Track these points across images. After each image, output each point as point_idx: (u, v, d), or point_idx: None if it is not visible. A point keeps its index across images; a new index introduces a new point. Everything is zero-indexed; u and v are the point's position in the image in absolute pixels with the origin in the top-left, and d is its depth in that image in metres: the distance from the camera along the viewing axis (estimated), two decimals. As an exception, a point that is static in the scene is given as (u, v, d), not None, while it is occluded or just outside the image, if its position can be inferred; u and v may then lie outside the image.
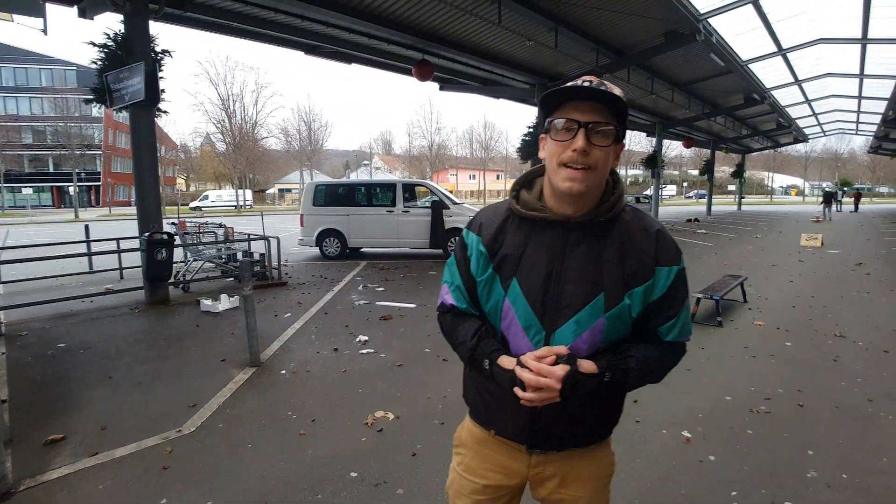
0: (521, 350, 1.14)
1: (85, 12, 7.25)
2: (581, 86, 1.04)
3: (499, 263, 1.17)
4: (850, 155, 65.04)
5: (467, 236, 1.24)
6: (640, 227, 1.15)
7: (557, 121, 1.07)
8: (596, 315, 1.10)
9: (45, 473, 2.76)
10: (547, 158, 1.11)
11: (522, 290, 1.13)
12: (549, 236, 1.13)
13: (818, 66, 14.29)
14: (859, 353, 4.70)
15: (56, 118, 41.00)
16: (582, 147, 1.03)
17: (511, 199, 1.21)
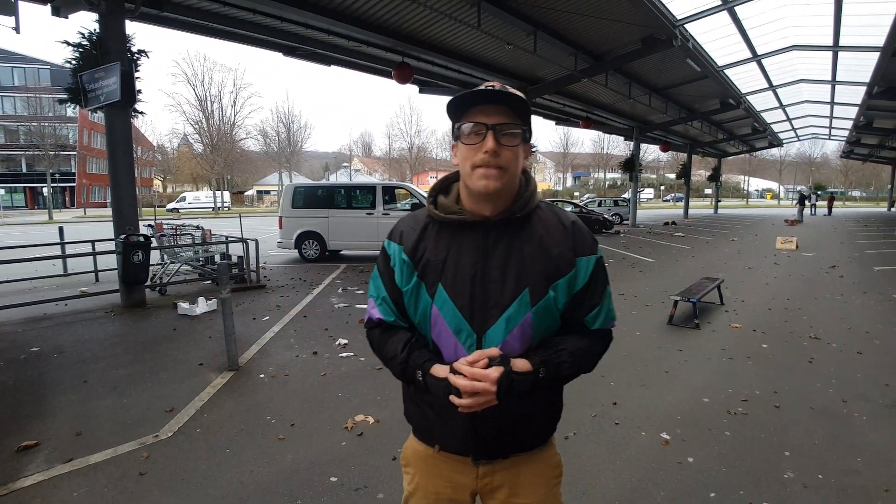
0: (455, 356, 1.13)
1: (59, 10, 7.07)
2: (485, 90, 1.07)
3: (423, 271, 1.16)
4: (823, 159, 66.87)
5: (389, 246, 1.24)
6: (557, 221, 1.18)
7: (465, 125, 1.09)
8: (523, 310, 1.11)
9: (17, 481, 2.69)
10: (460, 163, 1.13)
11: (449, 295, 1.13)
12: (470, 238, 1.14)
13: (792, 73, 14.71)
14: (834, 354, 4.81)
15: (29, 118, 39.98)
16: (492, 148, 1.06)
17: (429, 204, 1.22)
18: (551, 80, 13.56)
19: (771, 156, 60.75)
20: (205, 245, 8.76)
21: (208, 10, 8.51)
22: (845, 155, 38.50)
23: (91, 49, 6.51)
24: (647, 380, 4.17)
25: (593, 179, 71.49)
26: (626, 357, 4.73)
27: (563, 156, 65.56)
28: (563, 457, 1.30)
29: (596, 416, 3.48)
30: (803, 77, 15.10)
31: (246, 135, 47.07)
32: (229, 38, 9.93)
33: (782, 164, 64.29)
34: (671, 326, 5.79)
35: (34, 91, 39.81)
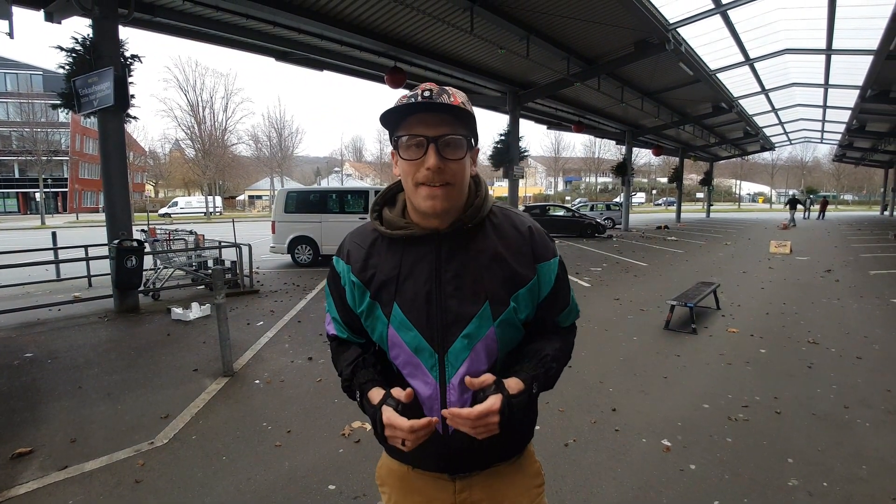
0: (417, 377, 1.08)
1: (52, 16, 7.06)
2: (420, 101, 0.98)
3: (376, 291, 1.09)
4: (814, 163, 67.53)
5: (337, 264, 1.16)
6: (512, 227, 1.11)
7: (403, 137, 1.00)
8: (485, 325, 1.05)
9: (11, 489, 2.65)
10: (402, 178, 1.05)
11: (406, 315, 1.06)
12: (422, 253, 1.07)
13: (784, 76, 14.86)
14: (833, 359, 4.80)
15: (21, 123, 39.68)
16: (435, 165, 0.97)
17: (373, 220, 1.13)
18: (544, 84, 13.63)
19: (763, 160, 61.33)
20: (198, 250, 8.69)
21: (200, 14, 8.50)
22: (837, 158, 38.88)
23: (84, 54, 6.47)
24: (645, 386, 4.15)
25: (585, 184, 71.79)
26: (623, 363, 4.72)
27: (554, 160, 65.83)
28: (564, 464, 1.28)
29: (596, 422, 3.46)
30: (796, 80, 15.26)
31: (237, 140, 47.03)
32: (222, 44, 9.92)
33: (774, 168, 64.85)
34: (668, 331, 5.78)
35: (27, 97, 39.53)
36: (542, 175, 74.57)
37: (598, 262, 11.71)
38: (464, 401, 1.06)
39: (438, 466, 1.14)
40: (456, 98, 1.01)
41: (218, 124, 42.92)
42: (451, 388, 1.07)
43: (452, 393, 1.07)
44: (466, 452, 1.10)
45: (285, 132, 49.49)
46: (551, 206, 21.78)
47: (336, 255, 1.17)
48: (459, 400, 1.06)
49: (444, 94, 1.00)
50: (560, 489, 2.66)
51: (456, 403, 1.06)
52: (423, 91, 0.99)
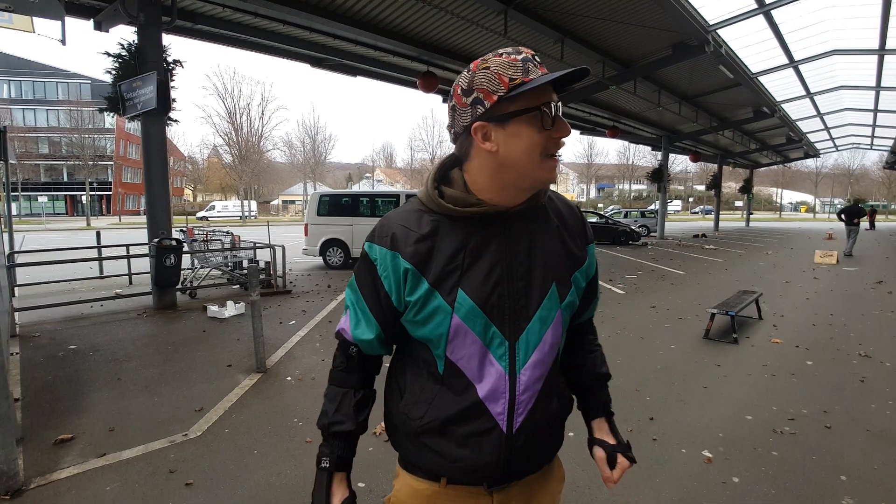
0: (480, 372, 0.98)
1: (101, 25, 7.41)
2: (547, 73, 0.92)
3: (436, 277, 0.97)
4: (862, 171, 64.55)
5: (372, 251, 1.02)
6: (565, 206, 1.11)
7: (548, 105, 0.92)
8: (554, 308, 1.01)
9: (54, 472, 2.74)
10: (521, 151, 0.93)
11: (474, 301, 0.96)
12: (489, 232, 0.99)
13: (832, 79, 14.21)
14: (888, 373, 4.52)
15: (71, 129, 41.83)
16: (569, 130, 0.95)
17: (436, 197, 1.01)
18: (578, 88, 13.43)
19: (806, 167, 59.06)
20: (234, 250, 8.89)
21: (239, 21, 8.74)
22: (889, 166, 36.98)
23: (129, 59, 6.72)
24: (684, 395, 3.99)
25: (618, 191, 70.61)
26: (661, 371, 4.55)
27: (587, 166, 65.04)
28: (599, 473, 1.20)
29: (632, 430, 3.33)
30: (844, 83, 14.58)
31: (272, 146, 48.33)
32: (259, 50, 10.19)
33: (818, 176, 62.32)
34: (707, 341, 5.57)
35: (76, 104, 41.62)
36: (574, 181, 73.76)
37: (632, 270, 11.43)
38: (534, 391, 1.00)
39: (486, 475, 1.01)
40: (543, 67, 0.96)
41: (254, 130, 44.28)
42: (521, 379, 0.99)
43: (521, 385, 0.99)
44: (528, 454, 1.02)
45: (319, 138, 50.59)
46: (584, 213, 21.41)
47: (371, 242, 1.04)
48: (529, 391, 0.99)
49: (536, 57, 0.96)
50: (595, 498, 2.57)
51: (524, 395, 0.99)
52: (534, 56, 0.94)
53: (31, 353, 4.91)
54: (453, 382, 1.00)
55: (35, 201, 41.93)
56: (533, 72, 0.90)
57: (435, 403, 1.01)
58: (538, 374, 1.00)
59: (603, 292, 8.38)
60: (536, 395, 1.01)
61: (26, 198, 44.50)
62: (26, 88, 47.28)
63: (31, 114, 47.19)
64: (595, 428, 1.18)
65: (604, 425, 1.18)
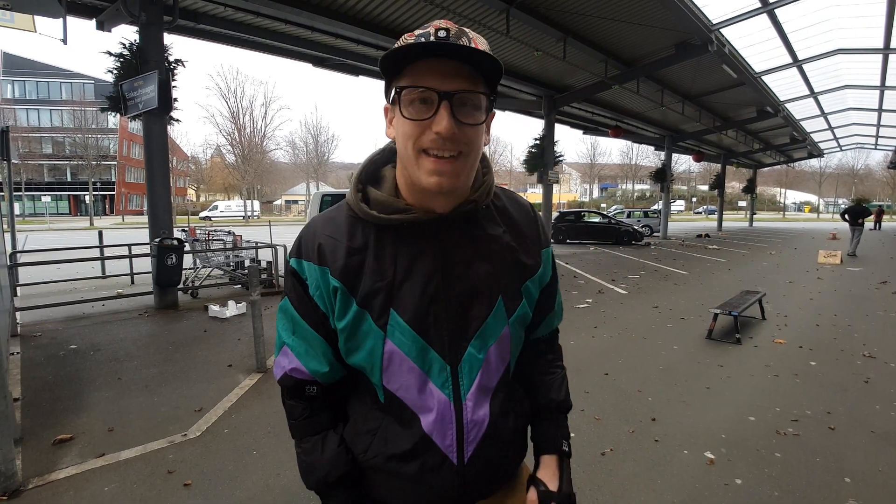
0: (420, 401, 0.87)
1: (103, 25, 7.42)
2: (435, 41, 0.74)
3: (364, 297, 0.85)
4: (866, 171, 64.25)
5: (301, 268, 0.89)
6: (518, 209, 0.97)
7: (407, 88, 0.77)
8: (500, 324, 0.89)
9: (52, 473, 2.73)
10: (399, 141, 0.82)
11: (408, 323, 0.84)
12: (422, 242, 0.86)
13: (836, 78, 14.15)
14: (893, 374, 4.47)
15: (74, 130, 41.99)
16: (448, 129, 0.76)
17: (358, 201, 0.87)
18: (580, 88, 13.42)
19: (810, 167, 58.84)
20: (235, 250, 8.89)
21: (241, 21, 8.75)
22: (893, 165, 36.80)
23: (131, 59, 6.73)
24: (686, 396, 3.96)
25: (621, 191, 70.48)
26: (663, 371, 4.52)
27: (590, 166, 64.96)
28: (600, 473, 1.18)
29: (634, 432, 3.30)
30: (848, 83, 14.53)
31: (275, 146, 48.48)
32: (261, 50, 10.20)
33: (822, 176, 62.07)
34: (710, 341, 5.53)
35: (79, 104, 41.78)
36: (576, 181, 73.72)
37: (635, 270, 11.39)
38: (483, 416, 0.89)
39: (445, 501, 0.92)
40: (477, 44, 0.78)
41: (257, 130, 44.41)
42: (468, 405, 0.88)
43: (468, 411, 0.88)
44: (485, 479, 0.93)
45: (321, 138, 50.68)
46: (586, 213, 21.40)
47: (295, 257, 0.90)
48: (478, 418, 0.89)
49: (463, 37, 0.77)
50: (596, 500, 2.54)
51: (473, 423, 0.89)
52: (438, 30, 0.76)
53: (32, 352, 4.91)
54: (396, 413, 0.90)
55: (38, 201, 42.16)
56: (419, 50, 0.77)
57: (379, 435, 0.91)
58: (486, 398, 0.90)
59: (606, 292, 8.35)
60: (487, 419, 0.90)
61: (30, 198, 44.73)
62: (30, 88, 47.46)
63: (34, 114, 47.37)
64: (541, 464, 1.00)
65: (551, 464, 1.00)
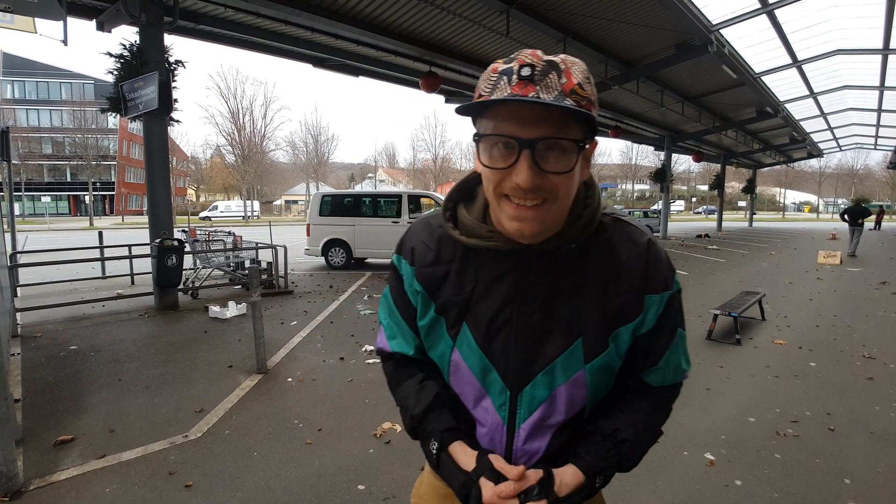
0: (479, 413, 0.90)
1: (103, 25, 7.42)
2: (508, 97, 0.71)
3: (442, 305, 0.89)
4: (866, 171, 64.27)
5: (400, 264, 0.95)
6: (625, 244, 0.87)
7: (486, 137, 0.75)
8: (574, 367, 0.85)
9: (54, 474, 2.73)
10: (484, 182, 0.80)
11: (476, 340, 0.86)
12: (505, 268, 0.85)
13: (835, 79, 14.15)
14: (892, 375, 4.48)
15: (74, 130, 42.00)
16: (528, 181, 0.72)
17: (446, 221, 0.89)
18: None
19: (810, 167, 58.90)
20: (235, 251, 8.90)
21: (241, 21, 8.75)
22: (892, 166, 36.81)
23: (131, 60, 6.73)
24: (686, 397, 3.95)
25: (621, 191, 70.50)
26: (663, 370, 4.52)
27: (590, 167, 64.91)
28: None
29: (633, 430, 3.31)
30: (848, 83, 14.51)
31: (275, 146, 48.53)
32: (261, 50, 10.20)
33: (822, 176, 62.09)
34: (710, 342, 5.54)
35: (79, 104, 41.78)
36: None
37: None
38: (531, 452, 0.89)
39: None
40: (571, 77, 0.72)
41: (257, 131, 44.43)
42: (519, 435, 0.88)
43: (519, 440, 0.89)
44: None
45: (321, 138, 50.66)
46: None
47: (397, 254, 0.96)
48: (524, 450, 0.89)
49: (551, 73, 0.71)
50: (596, 500, 2.54)
51: (520, 452, 0.89)
52: (522, 66, 0.71)
53: (33, 353, 4.91)
54: (459, 412, 0.95)
55: (38, 201, 42.16)
56: (501, 89, 0.73)
57: None
58: (546, 433, 0.89)
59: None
60: (541, 453, 0.89)
61: (30, 198, 44.72)
62: (30, 89, 47.46)
63: (34, 114, 47.37)
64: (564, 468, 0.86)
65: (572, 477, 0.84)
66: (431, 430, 0.91)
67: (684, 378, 0.96)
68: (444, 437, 0.90)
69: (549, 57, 0.73)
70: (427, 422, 0.92)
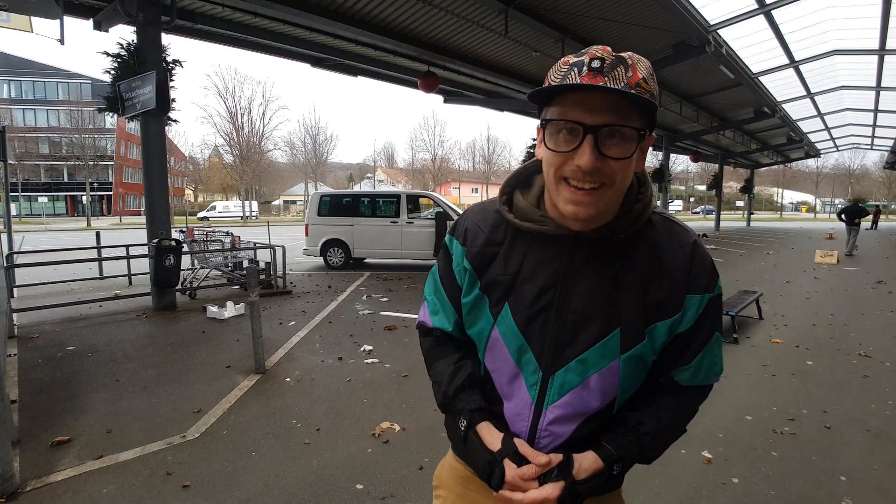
0: (509, 391, 0.94)
1: (100, 25, 7.39)
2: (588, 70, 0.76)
3: (487, 284, 0.94)
4: (862, 171, 64.46)
5: (451, 244, 1.02)
6: (671, 242, 0.89)
7: (553, 121, 0.81)
8: (609, 356, 0.87)
9: (50, 475, 2.73)
10: (544, 164, 0.86)
11: (515, 320, 0.91)
12: (552, 253, 0.90)
13: (832, 79, 14.18)
14: (888, 373, 4.51)
15: (71, 130, 41.88)
16: (590, 164, 0.77)
17: (501, 205, 0.96)
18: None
19: (807, 167, 59.06)
20: (234, 251, 8.89)
21: (240, 21, 8.72)
22: (889, 166, 36.92)
23: (129, 59, 6.71)
24: (684, 394, 3.98)
25: (620, 191, 70.56)
26: (660, 369, 4.54)
27: (589, 167, 64.96)
28: None
29: (631, 429, 3.32)
30: (845, 84, 14.55)
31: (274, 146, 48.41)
32: (259, 50, 10.18)
33: (819, 176, 62.26)
34: (707, 339, 5.55)
35: (76, 104, 41.66)
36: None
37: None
38: (556, 434, 0.91)
39: None
40: (637, 71, 0.78)
41: (255, 131, 44.35)
42: (546, 416, 0.91)
43: (545, 420, 0.92)
44: None
45: (320, 138, 50.60)
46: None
47: (450, 234, 1.03)
48: (549, 430, 0.91)
49: (619, 67, 0.76)
50: (594, 499, 2.55)
51: (544, 433, 0.92)
52: (592, 59, 0.77)
53: (29, 354, 4.89)
54: (488, 389, 0.99)
55: (35, 202, 42.00)
56: (571, 79, 0.78)
57: None
58: (568, 419, 0.91)
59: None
60: (565, 439, 0.91)
61: (26, 198, 44.54)
62: (26, 88, 47.32)
63: (31, 114, 47.23)
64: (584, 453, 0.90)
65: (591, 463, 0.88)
66: (462, 408, 0.97)
67: (716, 381, 0.99)
68: (473, 416, 0.95)
69: (618, 53, 0.78)
70: (459, 400, 0.98)
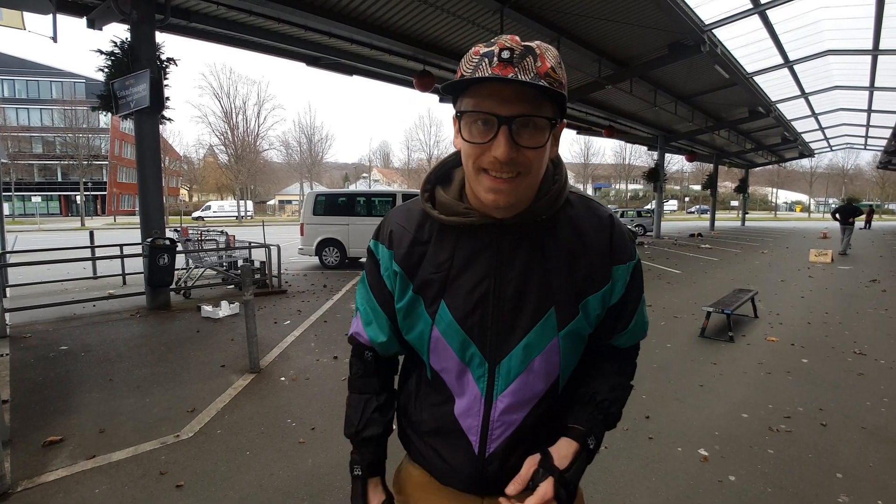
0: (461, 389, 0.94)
1: (94, 23, 7.33)
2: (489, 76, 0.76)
3: (420, 284, 0.93)
4: (856, 171, 64.87)
5: (377, 249, 0.99)
6: (590, 217, 0.93)
7: (468, 113, 0.80)
8: (548, 335, 0.89)
9: (42, 475, 2.69)
10: (462, 158, 0.86)
11: (454, 316, 0.90)
12: (479, 244, 0.90)
13: (826, 79, 14.26)
14: (883, 371, 4.52)
15: (65, 129, 41.58)
16: (506, 155, 0.78)
17: (424, 202, 0.94)
18: (574, 88, 13.40)
19: (801, 167, 59.41)
20: (228, 250, 8.84)
21: (234, 19, 8.68)
22: (882, 166, 37.18)
23: (122, 57, 6.66)
24: (680, 393, 3.98)
25: (614, 190, 70.75)
26: (657, 369, 4.54)
27: (583, 166, 65.06)
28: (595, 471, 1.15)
29: (628, 429, 3.31)
30: (838, 83, 14.64)
31: (269, 146, 48.27)
32: (254, 49, 10.13)
33: (813, 176, 62.62)
34: (703, 339, 5.56)
35: (70, 103, 41.38)
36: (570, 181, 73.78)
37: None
38: (512, 422, 0.92)
39: (468, 487, 0.98)
40: (545, 61, 0.78)
41: (250, 130, 44.24)
42: (497, 406, 0.92)
43: (496, 411, 0.92)
44: (503, 475, 0.93)
45: (315, 138, 50.56)
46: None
47: (374, 239, 1.00)
48: (501, 420, 0.92)
49: (528, 57, 0.77)
50: (591, 497, 2.54)
51: (499, 423, 0.92)
52: (502, 50, 0.77)
53: (22, 354, 4.85)
54: (439, 389, 0.98)
55: (29, 201, 41.76)
56: (482, 70, 0.77)
57: (426, 406, 1.00)
58: (517, 406, 0.92)
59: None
60: (517, 426, 0.93)
61: (20, 198, 44.27)
62: (20, 87, 46.99)
63: (24, 113, 46.89)
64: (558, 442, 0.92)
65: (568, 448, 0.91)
66: (364, 454, 1.04)
67: (645, 335, 1.06)
68: (370, 469, 1.03)
69: (526, 42, 0.79)
70: (363, 445, 1.04)
